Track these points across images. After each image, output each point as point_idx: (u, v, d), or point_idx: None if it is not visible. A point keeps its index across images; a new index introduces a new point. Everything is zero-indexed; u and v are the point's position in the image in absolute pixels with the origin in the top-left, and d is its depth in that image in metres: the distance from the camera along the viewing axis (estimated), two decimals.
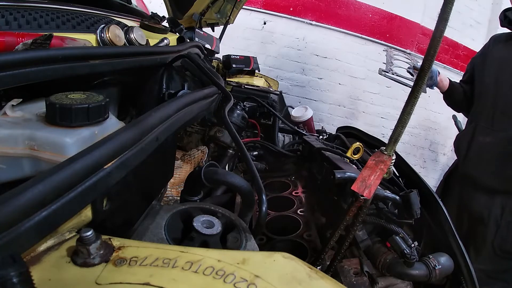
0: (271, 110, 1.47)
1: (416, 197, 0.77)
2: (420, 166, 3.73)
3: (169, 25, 1.42)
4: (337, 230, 0.68)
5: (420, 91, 0.54)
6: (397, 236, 0.79)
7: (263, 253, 0.39)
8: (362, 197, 0.60)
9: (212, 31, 2.13)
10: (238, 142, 0.79)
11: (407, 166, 1.14)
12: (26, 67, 0.50)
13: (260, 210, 0.67)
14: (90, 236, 0.35)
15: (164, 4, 1.79)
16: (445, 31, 0.49)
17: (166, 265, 0.35)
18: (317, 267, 0.72)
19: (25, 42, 0.57)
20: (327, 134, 1.65)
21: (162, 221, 0.53)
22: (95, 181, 0.39)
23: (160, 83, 0.95)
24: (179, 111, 0.66)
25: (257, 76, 2.17)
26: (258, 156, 1.37)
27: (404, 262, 0.74)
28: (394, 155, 0.62)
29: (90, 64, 0.63)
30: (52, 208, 0.33)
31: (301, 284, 0.35)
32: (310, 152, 1.16)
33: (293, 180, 1.16)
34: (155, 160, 0.61)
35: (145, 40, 0.97)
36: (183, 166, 1.04)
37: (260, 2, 3.49)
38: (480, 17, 3.56)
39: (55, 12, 0.84)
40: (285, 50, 3.59)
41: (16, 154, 0.48)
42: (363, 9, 3.49)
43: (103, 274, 0.33)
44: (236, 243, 0.54)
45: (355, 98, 3.63)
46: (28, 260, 0.34)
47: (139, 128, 0.50)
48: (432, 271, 0.74)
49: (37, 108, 0.55)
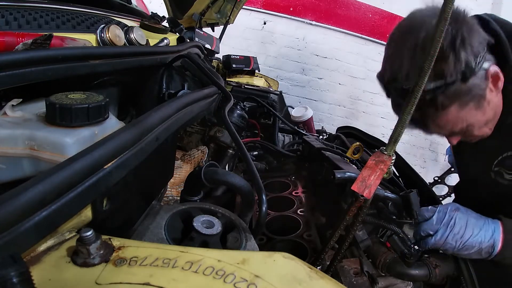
0: (271, 110, 1.47)
1: (416, 197, 0.77)
2: (420, 166, 3.72)
3: (169, 25, 1.42)
4: (337, 230, 0.68)
5: (420, 91, 0.54)
6: (397, 236, 0.79)
7: (263, 253, 0.39)
8: (362, 197, 0.60)
9: (212, 31, 2.13)
10: (238, 142, 0.79)
11: (407, 166, 1.14)
12: (26, 67, 0.50)
13: (260, 210, 0.67)
14: (90, 236, 0.35)
15: (164, 4, 1.79)
16: (445, 31, 0.49)
17: (166, 265, 0.35)
18: (317, 267, 0.72)
19: (25, 42, 0.57)
20: (327, 134, 1.66)
21: (162, 221, 0.53)
22: (95, 181, 0.39)
23: (160, 83, 0.95)
24: (179, 111, 0.66)
25: (257, 76, 2.17)
26: (258, 156, 1.37)
27: (404, 262, 0.74)
28: (394, 155, 0.62)
29: (90, 64, 0.63)
30: (52, 208, 0.33)
31: (301, 284, 0.35)
32: (310, 152, 1.16)
33: (293, 180, 1.16)
34: (155, 160, 0.61)
35: (145, 40, 0.97)
36: (183, 166, 1.04)
37: (260, 2, 3.49)
38: None
39: (55, 12, 0.84)
40: (285, 50, 3.59)
41: (16, 154, 0.48)
42: (363, 9, 3.49)
43: (103, 274, 0.33)
44: (236, 243, 0.54)
45: (355, 98, 3.63)
46: (28, 260, 0.34)
47: (139, 128, 0.50)
48: (432, 271, 0.74)
49: (37, 108, 0.55)
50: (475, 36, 0.74)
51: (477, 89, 0.76)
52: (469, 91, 0.75)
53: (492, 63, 0.78)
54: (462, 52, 0.72)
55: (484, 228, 0.74)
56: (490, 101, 0.80)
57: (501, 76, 0.78)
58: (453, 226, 0.73)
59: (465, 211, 0.76)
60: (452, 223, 0.74)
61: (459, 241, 0.73)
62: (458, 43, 0.72)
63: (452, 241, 0.73)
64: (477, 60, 0.73)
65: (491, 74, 0.77)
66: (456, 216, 0.74)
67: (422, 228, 0.76)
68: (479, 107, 0.79)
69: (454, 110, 0.78)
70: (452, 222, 0.74)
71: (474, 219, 0.75)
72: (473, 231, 0.73)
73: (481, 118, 0.81)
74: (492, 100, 0.80)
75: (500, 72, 0.78)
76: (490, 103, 0.80)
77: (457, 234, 0.73)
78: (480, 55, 0.74)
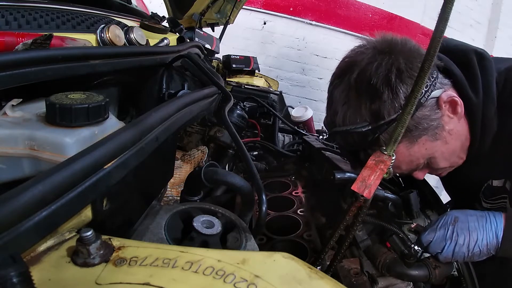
0: (271, 110, 1.47)
1: (416, 198, 0.77)
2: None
3: (169, 25, 1.42)
4: (337, 230, 0.68)
5: (420, 91, 0.54)
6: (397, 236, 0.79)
7: (263, 253, 0.39)
8: (362, 197, 0.60)
9: (212, 31, 2.13)
10: (238, 142, 0.79)
11: None
12: (26, 67, 0.50)
13: (260, 210, 0.67)
14: (90, 236, 0.35)
15: (164, 4, 1.80)
16: (445, 31, 0.49)
17: (166, 265, 0.35)
18: (317, 267, 0.72)
19: (25, 42, 0.57)
20: (327, 134, 1.66)
21: (162, 221, 0.53)
22: (95, 181, 0.39)
23: (160, 83, 0.95)
24: (179, 111, 0.66)
25: (257, 76, 2.17)
26: (258, 156, 1.37)
27: (404, 262, 0.74)
28: (394, 155, 0.62)
29: (90, 64, 0.63)
30: (52, 208, 0.33)
31: (301, 284, 0.35)
32: (310, 152, 1.16)
33: (293, 180, 1.16)
34: (155, 160, 0.61)
35: (145, 40, 0.97)
36: (183, 166, 1.04)
37: (260, 2, 3.49)
38: (480, 17, 3.56)
39: (55, 12, 0.84)
40: (285, 50, 3.59)
41: (16, 154, 0.48)
42: (363, 9, 3.49)
43: (103, 274, 0.33)
44: (236, 243, 0.54)
45: None
46: (28, 260, 0.34)
47: (139, 128, 0.50)
48: (432, 271, 0.74)
49: (37, 108, 0.55)
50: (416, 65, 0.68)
51: (427, 121, 0.71)
52: (417, 124, 0.71)
53: (448, 87, 0.74)
54: (399, 86, 0.67)
55: (487, 228, 0.71)
56: (451, 129, 0.75)
57: (459, 100, 0.73)
58: (457, 238, 0.71)
59: (464, 218, 0.73)
60: (454, 235, 0.71)
61: (466, 250, 0.71)
62: (393, 77, 0.68)
63: (460, 252, 0.71)
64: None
65: (445, 101, 0.72)
66: (457, 226, 0.72)
67: (431, 250, 0.74)
68: (436, 138, 0.74)
69: (404, 148, 0.73)
70: (455, 234, 0.71)
71: (475, 222, 0.72)
72: (477, 236, 0.71)
73: (444, 149, 0.76)
74: (454, 128, 0.75)
75: (457, 97, 0.73)
76: (452, 131, 0.75)
77: (463, 245, 0.71)
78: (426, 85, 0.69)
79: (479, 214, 0.74)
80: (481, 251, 0.71)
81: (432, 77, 0.71)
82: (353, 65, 0.73)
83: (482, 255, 0.72)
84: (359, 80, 0.71)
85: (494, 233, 0.70)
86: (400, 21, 3.52)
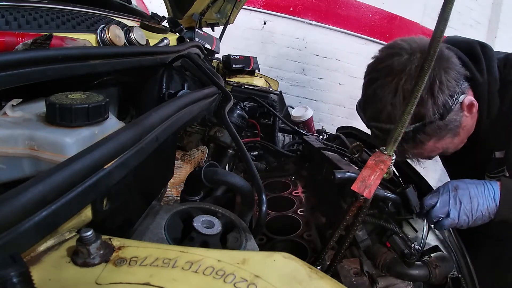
0: (271, 110, 1.47)
1: (413, 192, 0.78)
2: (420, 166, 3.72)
3: (169, 25, 1.42)
4: (337, 230, 0.68)
5: (420, 91, 0.54)
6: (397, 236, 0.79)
7: (263, 253, 0.39)
8: (362, 197, 0.60)
9: (212, 31, 2.13)
10: (238, 142, 0.79)
11: (407, 166, 1.14)
12: (26, 67, 0.50)
13: (260, 210, 0.67)
14: (90, 236, 0.35)
15: (164, 4, 1.79)
16: (445, 31, 0.49)
17: (166, 265, 0.35)
18: (317, 267, 0.72)
19: (25, 42, 0.57)
20: (327, 134, 1.65)
21: (162, 221, 0.53)
22: (95, 181, 0.39)
23: (160, 83, 0.95)
24: (179, 111, 0.66)
25: (257, 76, 2.17)
26: (258, 156, 1.37)
27: (404, 262, 0.74)
28: (394, 155, 0.62)
29: (90, 64, 0.63)
30: (52, 208, 0.33)
31: (301, 284, 0.35)
32: (310, 152, 1.16)
33: (293, 180, 1.16)
34: (155, 160, 0.61)
35: (145, 40, 0.97)
36: (183, 166, 1.04)
37: (260, 2, 3.49)
38: (480, 17, 3.56)
39: (55, 12, 0.84)
40: (285, 50, 3.59)
41: (16, 154, 0.48)
42: (363, 9, 3.49)
43: (103, 274, 0.33)
44: (236, 243, 0.54)
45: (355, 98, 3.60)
46: (28, 260, 0.34)
47: (139, 128, 0.50)
48: (432, 271, 0.74)
49: (37, 108, 0.55)
50: (451, 75, 0.80)
51: (453, 122, 0.84)
52: (446, 126, 0.83)
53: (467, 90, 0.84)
54: (440, 96, 0.78)
55: (486, 194, 0.77)
56: (465, 125, 0.87)
57: (475, 102, 0.85)
58: (461, 203, 0.77)
59: (464, 185, 0.79)
60: (458, 201, 0.77)
61: (469, 214, 0.77)
62: (436, 89, 0.78)
63: (464, 216, 0.77)
64: (453, 98, 0.79)
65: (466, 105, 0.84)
66: (459, 193, 0.78)
67: (433, 215, 0.78)
68: (455, 135, 0.87)
69: (432, 143, 0.86)
70: (458, 200, 0.77)
71: (474, 189, 0.78)
72: (477, 201, 0.77)
73: (457, 140, 0.89)
74: (467, 124, 0.88)
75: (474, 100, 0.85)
76: (465, 127, 0.88)
77: (467, 209, 0.77)
78: (456, 93, 0.80)
79: (477, 182, 0.81)
80: (483, 215, 0.77)
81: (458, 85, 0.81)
82: (401, 72, 0.80)
83: (484, 219, 0.78)
84: (406, 88, 0.79)
85: (492, 198, 0.77)
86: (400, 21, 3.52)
